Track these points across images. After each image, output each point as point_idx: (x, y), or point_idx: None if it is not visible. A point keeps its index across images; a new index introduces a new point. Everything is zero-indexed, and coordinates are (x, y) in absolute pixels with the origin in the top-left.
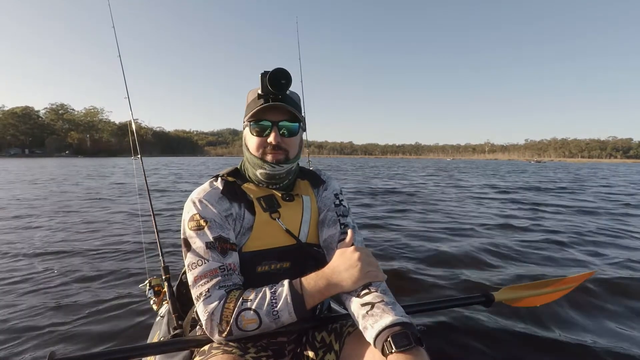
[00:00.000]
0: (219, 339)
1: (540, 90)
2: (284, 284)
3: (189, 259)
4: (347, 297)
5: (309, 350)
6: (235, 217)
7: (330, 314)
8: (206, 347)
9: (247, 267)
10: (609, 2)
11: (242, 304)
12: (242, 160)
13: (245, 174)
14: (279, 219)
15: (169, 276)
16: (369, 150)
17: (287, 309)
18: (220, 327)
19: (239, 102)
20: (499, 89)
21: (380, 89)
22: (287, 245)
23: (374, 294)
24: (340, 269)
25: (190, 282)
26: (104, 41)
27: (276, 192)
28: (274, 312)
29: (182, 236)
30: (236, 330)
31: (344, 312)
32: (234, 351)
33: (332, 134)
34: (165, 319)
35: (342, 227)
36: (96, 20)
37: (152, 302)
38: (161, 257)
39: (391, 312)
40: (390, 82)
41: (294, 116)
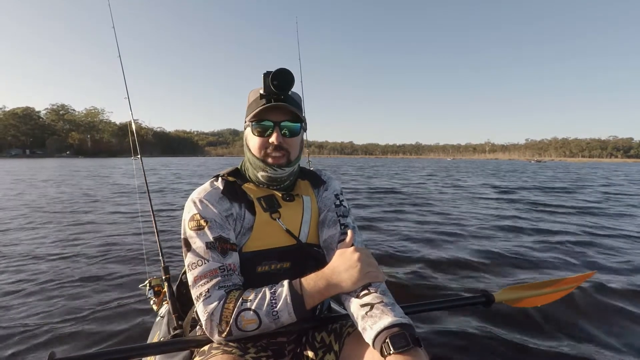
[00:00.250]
0: (219, 339)
1: (540, 90)
2: (283, 284)
3: (189, 259)
4: (346, 298)
5: (308, 350)
6: (235, 217)
7: (330, 314)
8: (206, 348)
9: (247, 267)
10: (609, 2)
11: (242, 304)
12: (243, 160)
13: (245, 174)
14: (279, 219)
15: (169, 276)
16: (369, 150)
17: (286, 310)
18: (220, 328)
19: (239, 102)
20: (499, 88)
21: (380, 89)
22: (288, 245)
23: (374, 295)
24: (340, 269)
25: (190, 282)
26: (104, 41)
27: (276, 192)
28: (274, 313)
29: (183, 236)
30: (236, 330)
31: (344, 312)
32: (233, 351)
33: (333, 134)
34: (165, 319)
35: (342, 227)
36: (96, 20)
37: (152, 302)
38: (161, 257)
39: (390, 313)
40: (390, 82)
41: (296, 116)
